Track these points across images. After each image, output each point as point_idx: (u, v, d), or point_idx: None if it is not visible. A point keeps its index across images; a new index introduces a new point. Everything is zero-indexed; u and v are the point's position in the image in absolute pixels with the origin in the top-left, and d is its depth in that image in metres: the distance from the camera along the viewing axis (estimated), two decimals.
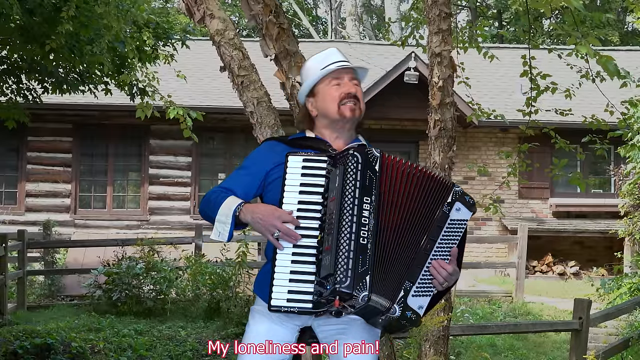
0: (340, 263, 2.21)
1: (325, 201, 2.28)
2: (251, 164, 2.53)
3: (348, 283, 2.19)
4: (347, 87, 2.52)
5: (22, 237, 9.35)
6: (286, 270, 2.25)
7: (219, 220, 2.39)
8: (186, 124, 5.64)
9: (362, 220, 2.25)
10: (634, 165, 9.67)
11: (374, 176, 2.30)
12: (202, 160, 13.20)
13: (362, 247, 2.23)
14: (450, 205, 2.39)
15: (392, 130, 13.11)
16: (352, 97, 2.50)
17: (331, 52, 2.61)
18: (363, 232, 2.24)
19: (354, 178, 2.28)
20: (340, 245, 2.23)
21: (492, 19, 24.89)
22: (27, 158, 12.85)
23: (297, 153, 2.35)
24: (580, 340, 5.65)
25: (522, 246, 10.58)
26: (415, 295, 2.32)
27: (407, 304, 2.31)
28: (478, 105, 6.08)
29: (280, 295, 2.23)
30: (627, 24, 25.43)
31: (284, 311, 2.24)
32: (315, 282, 2.23)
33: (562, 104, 6.72)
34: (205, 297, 8.71)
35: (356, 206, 2.25)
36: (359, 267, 2.22)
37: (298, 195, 2.30)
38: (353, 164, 2.29)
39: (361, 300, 2.21)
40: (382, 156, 2.33)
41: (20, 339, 6.21)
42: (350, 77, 2.54)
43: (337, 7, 26.34)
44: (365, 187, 2.28)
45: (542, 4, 3.42)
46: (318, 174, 2.31)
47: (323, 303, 2.22)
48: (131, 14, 7.03)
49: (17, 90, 8.43)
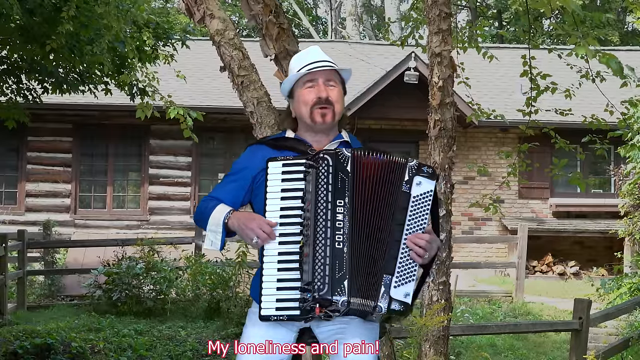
0: (317, 270, 2.24)
1: (304, 205, 2.28)
2: (237, 171, 2.53)
3: (326, 290, 2.22)
4: (318, 91, 2.47)
5: (22, 237, 9.35)
6: (273, 279, 2.27)
7: (211, 230, 2.41)
8: (186, 124, 5.64)
9: (337, 224, 2.26)
10: (634, 165, 9.66)
11: (346, 177, 2.29)
12: (202, 160, 13.20)
13: (338, 251, 2.25)
14: (409, 182, 2.34)
15: (392, 130, 13.11)
16: (324, 101, 2.46)
17: (309, 52, 2.56)
18: (338, 237, 2.25)
19: (326, 182, 2.28)
20: (316, 252, 2.25)
21: (492, 19, 24.89)
22: (27, 158, 12.85)
23: (276, 159, 2.33)
24: (580, 340, 5.64)
25: (522, 246, 10.58)
26: (398, 286, 2.30)
27: (391, 297, 2.29)
28: (478, 105, 6.08)
29: (269, 305, 2.26)
30: (627, 24, 25.43)
31: (274, 320, 2.26)
32: (299, 288, 2.24)
33: (562, 104, 6.72)
34: (205, 297, 8.71)
35: (329, 210, 2.26)
36: (336, 273, 2.23)
37: (280, 202, 2.31)
38: (324, 167, 2.29)
39: (341, 305, 2.22)
40: (353, 155, 2.31)
41: (20, 339, 6.21)
42: (325, 78, 2.48)
43: (337, 7, 26.34)
44: (338, 190, 2.28)
45: (542, 4, 3.43)
46: (297, 178, 2.30)
47: (308, 310, 2.23)
48: (131, 14, 7.03)
49: (17, 90, 8.42)
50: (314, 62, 2.50)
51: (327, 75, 2.49)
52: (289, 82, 2.53)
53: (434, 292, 4.19)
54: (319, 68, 2.48)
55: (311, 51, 2.56)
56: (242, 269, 8.38)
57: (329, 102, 2.46)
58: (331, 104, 2.47)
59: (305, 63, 2.50)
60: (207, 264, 8.89)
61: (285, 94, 2.58)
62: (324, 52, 2.57)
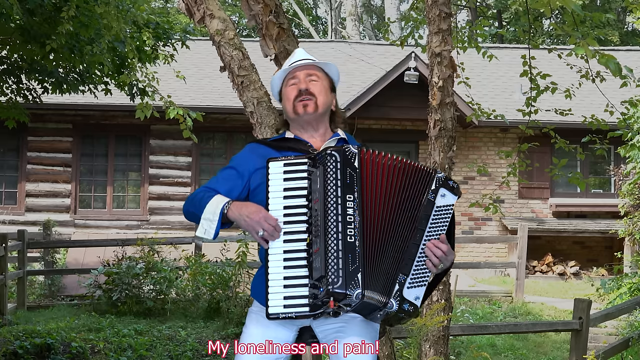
0: (330, 264, 2.23)
1: (310, 203, 2.29)
2: (235, 165, 2.54)
3: (340, 283, 2.22)
4: (299, 84, 2.52)
5: (22, 237, 9.35)
6: (279, 277, 2.26)
7: (205, 218, 2.39)
8: (186, 124, 5.63)
9: (347, 219, 2.26)
10: (634, 165, 9.66)
11: (354, 173, 2.31)
12: (202, 160, 13.20)
13: (350, 245, 2.25)
14: (435, 192, 2.38)
15: (392, 130, 13.11)
16: (304, 92, 2.50)
17: (295, 54, 2.63)
18: (349, 230, 2.26)
19: (335, 177, 2.29)
20: (328, 246, 2.25)
21: (492, 19, 24.88)
22: (27, 158, 12.84)
23: (277, 159, 2.35)
24: (580, 340, 5.65)
25: (522, 246, 10.58)
26: (411, 287, 2.33)
27: (403, 296, 2.31)
28: (478, 105, 6.08)
29: (277, 303, 2.25)
30: (627, 24, 25.43)
31: (283, 318, 2.25)
32: (309, 285, 2.24)
33: (562, 104, 6.72)
34: (205, 297, 8.71)
35: (340, 205, 2.27)
36: (350, 266, 2.23)
37: (283, 201, 2.31)
38: (332, 163, 2.30)
39: (355, 298, 2.22)
40: (360, 152, 2.34)
41: (20, 339, 6.22)
42: (305, 73, 2.54)
43: (337, 7, 26.35)
44: (347, 185, 2.29)
45: (542, 4, 3.42)
46: (300, 177, 2.31)
47: (319, 305, 2.23)
48: (131, 14, 7.03)
49: (17, 90, 8.43)
50: (297, 61, 2.57)
51: (308, 70, 2.55)
52: (276, 86, 2.60)
53: (434, 292, 4.19)
54: (298, 64, 2.55)
55: (296, 53, 2.63)
56: (242, 269, 8.38)
57: (309, 93, 2.51)
58: (312, 95, 2.51)
59: (289, 63, 2.59)
60: (207, 264, 8.90)
61: (277, 98, 2.64)
62: (307, 53, 2.63)
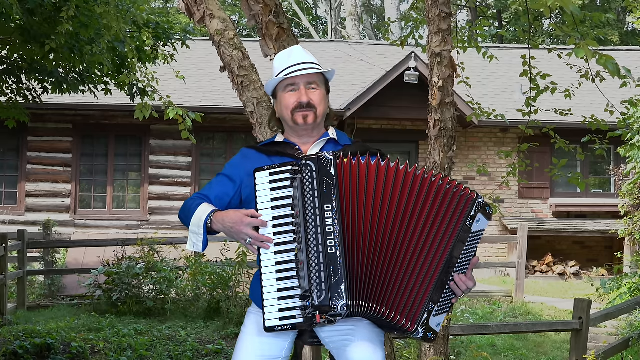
0: (313, 278, 2.22)
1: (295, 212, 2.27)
2: (227, 171, 2.54)
3: (324, 297, 2.21)
4: (299, 95, 2.48)
5: (22, 237, 9.35)
6: (274, 289, 2.26)
7: (192, 231, 2.40)
8: (185, 125, 5.62)
9: (327, 229, 2.24)
10: (634, 165, 9.66)
11: (331, 181, 2.27)
12: (202, 160, 13.20)
13: (331, 256, 2.23)
14: (473, 218, 2.33)
15: (392, 130, 13.11)
16: (305, 105, 2.47)
17: (292, 53, 2.55)
18: (330, 241, 2.23)
19: (312, 187, 2.26)
20: (310, 259, 2.23)
21: (492, 19, 24.88)
22: (27, 158, 12.84)
23: (263, 168, 2.31)
24: (580, 340, 5.64)
25: (522, 246, 10.58)
26: (436, 315, 2.33)
27: (429, 325, 2.32)
28: (478, 105, 6.07)
29: (272, 315, 2.24)
30: (627, 24, 25.43)
31: (279, 330, 2.24)
32: (300, 296, 2.24)
33: (562, 104, 6.72)
34: (205, 297, 8.71)
35: (318, 216, 2.24)
36: (332, 278, 2.22)
37: (272, 211, 2.29)
38: (308, 173, 2.27)
39: (340, 310, 2.21)
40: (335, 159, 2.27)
41: (20, 339, 6.22)
42: (306, 81, 2.49)
43: (337, 7, 26.35)
44: (324, 194, 2.26)
45: (542, 5, 3.42)
46: (285, 186, 2.28)
47: (310, 317, 2.22)
48: (131, 13, 7.03)
49: (17, 90, 8.43)
50: (296, 65, 2.50)
51: (308, 78, 2.50)
52: (271, 84, 2.55)
53: None
54: (299, 73, 2.48)
55: (294, 52, 2.55)
56: (242, 269, 8.39)
57: (310, 105, 2.48)
58: (313, 107, 2.48)
59: (287, 65, 2.51)
60: (207, 264, 8.90)
61: (269, 93, 2.61)
62: (306, 53, 2.56)
